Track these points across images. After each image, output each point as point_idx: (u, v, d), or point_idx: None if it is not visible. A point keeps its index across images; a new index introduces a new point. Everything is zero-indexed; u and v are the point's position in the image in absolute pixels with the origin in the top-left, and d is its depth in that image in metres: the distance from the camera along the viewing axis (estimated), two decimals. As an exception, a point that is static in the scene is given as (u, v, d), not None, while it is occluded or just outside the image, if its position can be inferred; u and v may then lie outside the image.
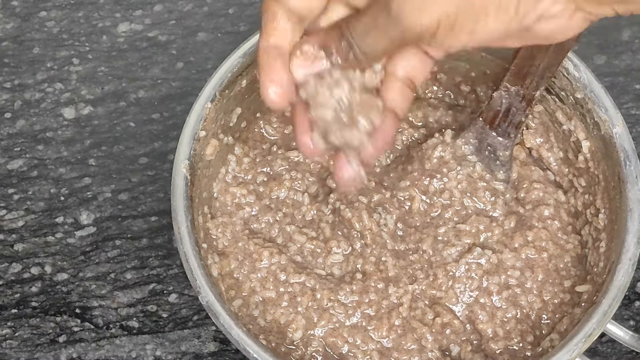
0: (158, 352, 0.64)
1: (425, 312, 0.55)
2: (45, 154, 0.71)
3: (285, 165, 0.60)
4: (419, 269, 0.56)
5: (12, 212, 0.69)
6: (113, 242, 0.68)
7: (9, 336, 0.64)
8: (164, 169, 0.70)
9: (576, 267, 0.57)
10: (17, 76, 0.74)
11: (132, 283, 0.66)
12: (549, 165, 0.60)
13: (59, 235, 0.68)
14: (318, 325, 0.55)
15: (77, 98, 0.73)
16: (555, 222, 0.58)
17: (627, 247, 0.52)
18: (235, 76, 0.57)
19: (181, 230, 0.53)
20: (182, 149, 0.55)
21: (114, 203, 0.69)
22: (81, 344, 0.64)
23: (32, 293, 0.66)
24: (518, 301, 0.55)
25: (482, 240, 0.57)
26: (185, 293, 0.66)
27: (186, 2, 0.78)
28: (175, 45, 0.76)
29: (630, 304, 0.65)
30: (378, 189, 0.58)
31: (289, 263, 0.56)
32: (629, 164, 0.54)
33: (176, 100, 0.73)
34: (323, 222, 0.57)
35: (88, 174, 0.70)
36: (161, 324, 0.65)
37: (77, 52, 0.75)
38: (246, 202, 0.59)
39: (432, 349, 0.54)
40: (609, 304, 0.51)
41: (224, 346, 0.64)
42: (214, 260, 0.56)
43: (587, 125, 0.57)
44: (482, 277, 0.56)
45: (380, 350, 0.54)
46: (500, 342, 0.55)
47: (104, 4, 0.77)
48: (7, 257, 0.67)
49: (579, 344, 0.50)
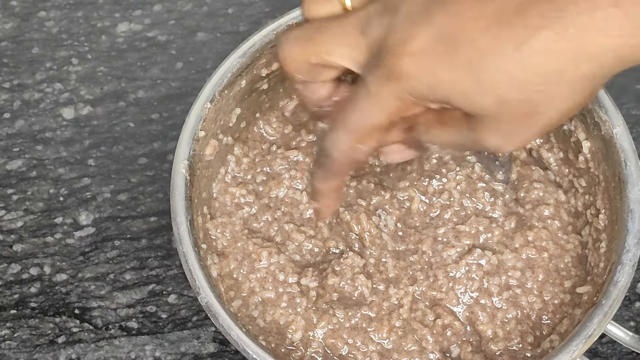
0: (157, 352, 0.64)
1: (426, 313, 0.55)
2: (44, 154, 0.71)
3: (284, 165, 0.60)
4: (419, 270, 0.56)
5: (11, 212, 0.69)
6: (112, 242, 0.68)
7: (8, 337, 0.64)
8: (163, 169, 0.70)
9: (576, 267, 0.57)
10: (16, 76, 0.74)
11: (132, 284, 0.66)
12: (549, 166, 0.60)
13: (58, 236, 0.68)
14: (318, 326, 0.54)
15: (76, 98, 0.73)
16: (556, 222, 0.58)
17: (628, 247, 0.52)
18: (234, 76, 0.57)
19: (180, 230, 0.53)
20: (181, 149, 0.55)
21: (113, 203, 0.69)
22: (80, 345, 0.64)
23: (31, 294, 0.66)
24: (518, 302, 0.55)
25: (482, 241, 0.57)
26: (185, 294, 0.66)
27: (185, 2, 0.78)
28: (175, 45, 0.76)
29: (630, 305, 0.65)
30: (377, 190, 0.58)
31: (287, 263, 0.56)
32: (629, 165, 0.54)
33: (175, 101, 0.73)
34: (320, 222, 0.57)
35: (87, 174, 0.70)
36: (160, 324, 0.65)
37: (76, 52, 0.75)
38: (245, 202, 0.58)
39: (432, 350, 0.54)
40: (609, 305, 0.51)
41: (223, 347, 0.64)
42: (213, 260, 0.56)
43: (587, 126, 0.56)
44: (483, 278, 0.56)
45: (380, 352, 0.54)
46: (500, 342, 0.55)
47: (103, 4, 0.77)
48: (6, 257, 0.67)
49: (579, 344, 0.50)
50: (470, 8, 0.41)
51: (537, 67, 0.41)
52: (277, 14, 0.76)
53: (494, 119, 0.43)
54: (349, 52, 0.45)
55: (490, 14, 0.41)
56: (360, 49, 0.45)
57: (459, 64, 0.41)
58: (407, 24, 0.42)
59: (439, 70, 0.42)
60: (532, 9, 0.40)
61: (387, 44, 0.43)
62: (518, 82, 0.41)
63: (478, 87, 0.42)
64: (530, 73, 0.41)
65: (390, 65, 0.42)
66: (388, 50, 0.42)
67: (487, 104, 0.42)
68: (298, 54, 0.47)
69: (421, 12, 0.42)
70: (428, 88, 0.43)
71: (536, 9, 0.40)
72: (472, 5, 0.41)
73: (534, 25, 0.40)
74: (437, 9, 0.42)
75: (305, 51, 0.47)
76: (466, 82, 0.42)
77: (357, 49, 0.45)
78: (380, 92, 0.43)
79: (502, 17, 0.41)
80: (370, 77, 0.44)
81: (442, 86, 0.42)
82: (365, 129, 0.45)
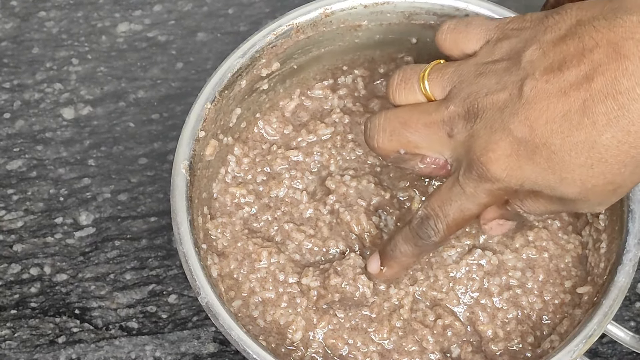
0: (157, 353, 0.64)
1: (427, 313, 0.55)
2: (44, 154, 0.71)
3: (285, 165, 0.60)
4: (419, 270, 0.56)
5: (11, 212, 0.69)
6: (112, 242, 0.68)
7: (8, 337, 0.64)
8: (163, 169, 0.70)
9: (577, 267, 0.57)
10: (16, 76, 0.74)
11: (132, 284, 0.66)
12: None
13: (58, 236, 0.68)
14: (318, 327, 0.54)
15: (76, 98, 0.73)
16: (556, 222, 0.58)
17: (628, 248, 0.52)
18: (234, 76, 0.57)
19: (181, 230, 0.53)
20: (181, 150, 0.55)
21: (113, 204, 0.69)
22: (80, 345, 0.64)
23: (31, 294, 0.66)
24: (519, 302, 0.55)
25: (483, 241, 0.57)
26: (185, 294, 0.66)
27: (185, 2, 0.78)
28: (175, 46, 0.76)
29: (630, 305, 0.65)
30: (377, 190, 0.58)
31: (287, 262, 0.56)
32: (629, 165, 0.54)
33: (176, 101, 0.73)
34: (320, 222, 0.57)
35: (87, 174, 0.70)
36: (161, 324, 0.65)
37: (76, 52, 0.75)
38: (245, 202, 0.58)
39: (433, 350, 0.54)
40: (609, 305, 0.51)
41: (223, 347, 0.64)
42: (213, 260, 0.56)
43: (587, 126, 0.56)
44: (483, 278, 0.56)
45: (380, 352, 0.54)
46: (501, 343, 0.55)
47: (104, 4, 0.77)
48: (6, 257, 0.67)
49: (580, 345, 0.50)
50: (539, 111, 0.45)
51: (614, 158, 0.44)
52: (277, 14, 0.76)
53: (580, 200, 0.47)
54: (438, 149, 0.50)
55: (558, 117, 0.45)
56: (448, 147, 0.50)
57: (540, 164, 0.46)
58: (487, 132, 0.47)
59: (524, 171, 0.46)
60: (596, 107, 0.44)
61: (473, 149, 0.47)
62: (599, 172, 0.45)
63: (562, 182, 0.46)
64: (610, 163, 0.45)
65: (480, 170, 0.47)
66: (476, 156, 0.47)
67: (574, 193, 0.46)
68: (388, 146, 0.51)
69: (497, 119, 0.46)
70: (517, 185, 0.47)
71: (600, 107, 0.44)
72: (539, 108, 0.45)
73: (602, 123, 0.44)
74: (509, 116, 0.46)
75: (396, 145, 0.51)
76: (550, 178, 0.46)
77: (445, 148, 0.50)
78: (476, 192, 0.48)
79: (571, 119, 0.44)
80: (463, 179, 0.48)
81: (530, 182, 0.47)
82: (463, 221, 0.50)
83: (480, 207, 0.49)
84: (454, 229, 0.51)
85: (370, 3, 0.59)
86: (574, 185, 0.46)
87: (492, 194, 0.48)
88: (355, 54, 0.62)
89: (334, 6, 0.59)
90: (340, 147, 0.60)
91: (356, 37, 0.60)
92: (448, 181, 0.50)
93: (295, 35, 0.59)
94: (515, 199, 0.50)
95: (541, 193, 0.48)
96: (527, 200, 0.49)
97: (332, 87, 0.62)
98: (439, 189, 0.50)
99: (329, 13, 0.59)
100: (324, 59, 0.61)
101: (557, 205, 0.48)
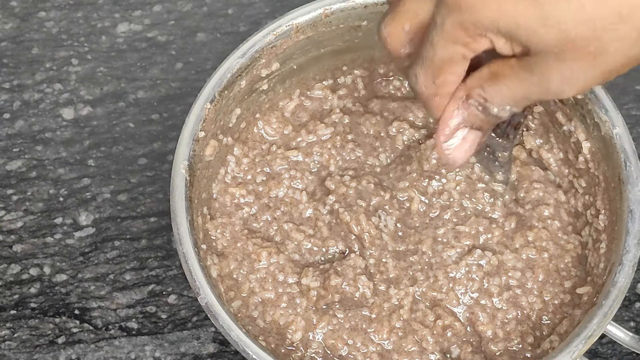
0: (157, 353, 0.64)
1: (426, 314, 0.55)
2: (44, 154, 0.71)
3: (284, 165, 0.60)
4: (419, 271, 0.56)
5: (11, 212, 0.69)
6: (112, 243, 0.68)
7: (8, 337, 0.64)
8: (163, 169, 0.70)
9: (576, 267, 0.57)
10: (16, 77, 0.74)
11: (131, 284, 0.66)
12: (549, 166, 0.60)
13: (57, 236, 0.68)
14: (318, 327, 0.54)
15: (76, 98, 0.73)
16: (556, 222, 0.58)
17: (628, 248, 0.52)
18: (234, 77, 0.57)
19: (180, 231, 0.53)
20: (181, 150, 0.55)
21: (113, 204, 0.69)
22: (80, 345, 0.64)
23: (31, 294, 0.66)
24: (519, 302, 0.55)
25: (482, 242, 0.57)
26: (185, 294, 0.66)
27: (185, 3, 0.78)
28: (175, 46, 0.76)
29: (630, 305, 0.65)
30: (377, 190, 0.58)
31: (287, 263, 0.56)
32: (629, 165, 0.54)
33: (175, 101, 0.73)
34: (320, 222, 0.57)
35: (87, 174, 0.70)
36: (160, 325, 0.65)
37: (76, 53, 0.75)
38: (245, 202, 0.59)
39: (432, 350, 0.54)
40: (609, 306, 0.51)
41: (223, 347, 0.64)
42: (213, 261, 0.56)
43: (587, 126, 0.56)
44: (483, 279, 0.56)
45: (380, 353, 0.54)
46: (500, 343, 0.55)
47: (103, 4, 0.77)
48: (5, 258, 0.67)
49: (579, 345, 0.50)
50: None
51: (612, 3, 0.39)
52: (277, 15, 0.76)
53: (556, 58, 0.42)
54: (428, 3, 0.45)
55: None
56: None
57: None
58: None
59: (502, 1, 0.41)
60: None
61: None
62: (588, 16, 0.39)
63: (543, 19, 0.40)
64: (604, 8, 0.39)
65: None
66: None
67: (550, 39, 0.41)
68: (393, 27, 0.47)
69: None
70: (490, 19, 0.42)
71: None
72: None
73: None
74: None
75: (398, 21, 0.47)
76: (530, 14, 0.40)
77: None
78: (445, 23, 0.43)
79: None
80: (437, 9, 0.44)
81: (505, 18, 0.41)
82: (437, 63, 0.45)
83: (450, 46, 0.44)
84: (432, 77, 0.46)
85: (370, 3, 0.59)
86: (554, 28, 0.40)
87: (462, 26, 0.43)
88: (355, 54, 0.62)
89: (334, 6, 0.59)
90: (340, 148, 0.60)
91: (356, 37, 0.60)
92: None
93: (295, 35, 0.59)
94: (477, 79, 0.45)
95: (505, 65, 0.43)
96: (490, 86, 0.45)
97: (331, 87, 0.62)
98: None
99: (328, 13, 0.59)
100: (324, 59, 0.61)
101: (523, 77, 0.44)
